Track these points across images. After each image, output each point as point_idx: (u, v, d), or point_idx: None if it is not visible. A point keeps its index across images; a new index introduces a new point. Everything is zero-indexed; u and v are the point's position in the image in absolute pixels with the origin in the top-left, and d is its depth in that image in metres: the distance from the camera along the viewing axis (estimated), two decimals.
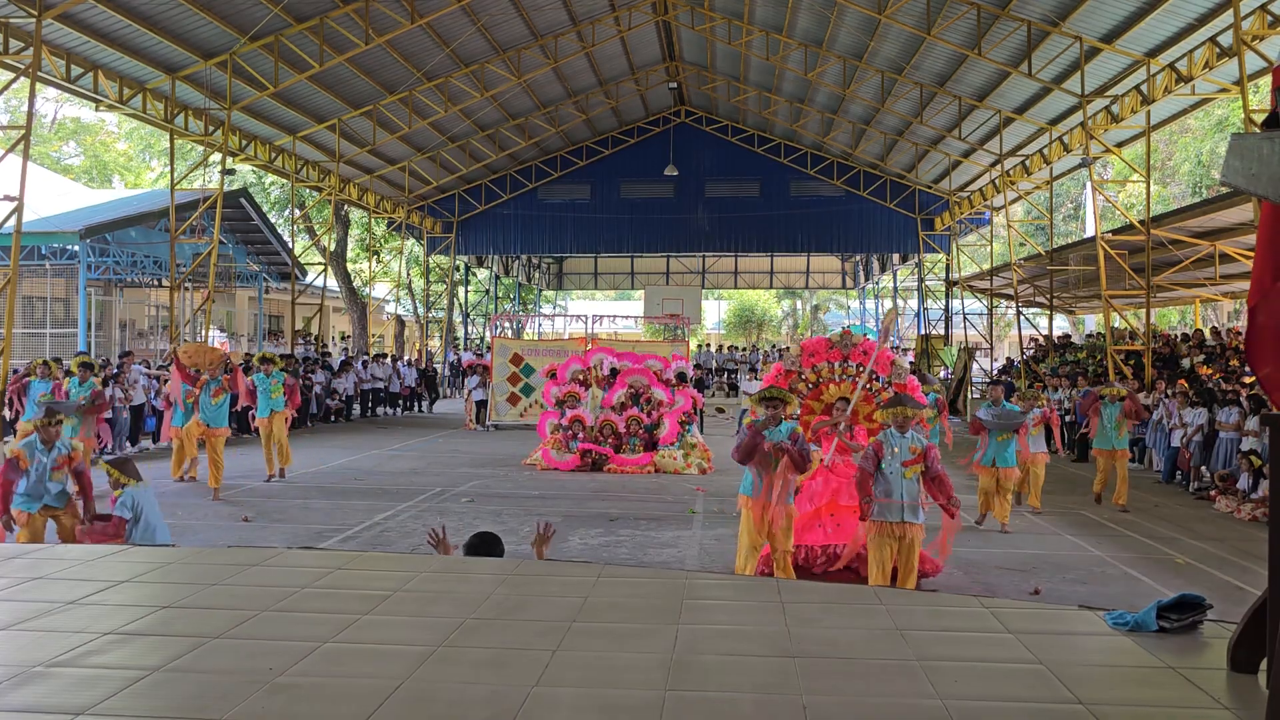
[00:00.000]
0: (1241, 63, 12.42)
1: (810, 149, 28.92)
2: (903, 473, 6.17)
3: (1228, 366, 15.68)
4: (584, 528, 9.36)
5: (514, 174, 29.85)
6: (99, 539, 6.87)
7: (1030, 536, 9.42)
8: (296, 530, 9.13)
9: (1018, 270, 22.16)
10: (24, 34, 13.39)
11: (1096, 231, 18.14)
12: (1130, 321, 20.80)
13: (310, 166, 22.89)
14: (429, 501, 10.88)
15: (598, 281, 44.50)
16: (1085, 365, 19.82)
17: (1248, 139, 3.07)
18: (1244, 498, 10.99)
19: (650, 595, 4.83)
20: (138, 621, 4.24)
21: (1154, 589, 7.14)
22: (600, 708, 3.30)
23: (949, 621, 4.38)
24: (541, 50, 21.54)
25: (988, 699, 3.40)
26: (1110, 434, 10.94)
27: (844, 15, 18.59)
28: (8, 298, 12.65)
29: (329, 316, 30.13)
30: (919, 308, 32.58)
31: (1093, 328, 30.60)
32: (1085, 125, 17.31)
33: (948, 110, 21.51)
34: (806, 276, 42.58)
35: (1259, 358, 3.17)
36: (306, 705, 3.32)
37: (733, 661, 3.76)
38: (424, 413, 25.32)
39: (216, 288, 20.17)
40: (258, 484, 12.02)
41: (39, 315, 22.25)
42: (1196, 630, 4.15)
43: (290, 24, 16.60)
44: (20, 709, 3.27)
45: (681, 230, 29.82)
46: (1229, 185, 3.10)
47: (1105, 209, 26.66)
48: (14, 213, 12.79)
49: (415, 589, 4.85)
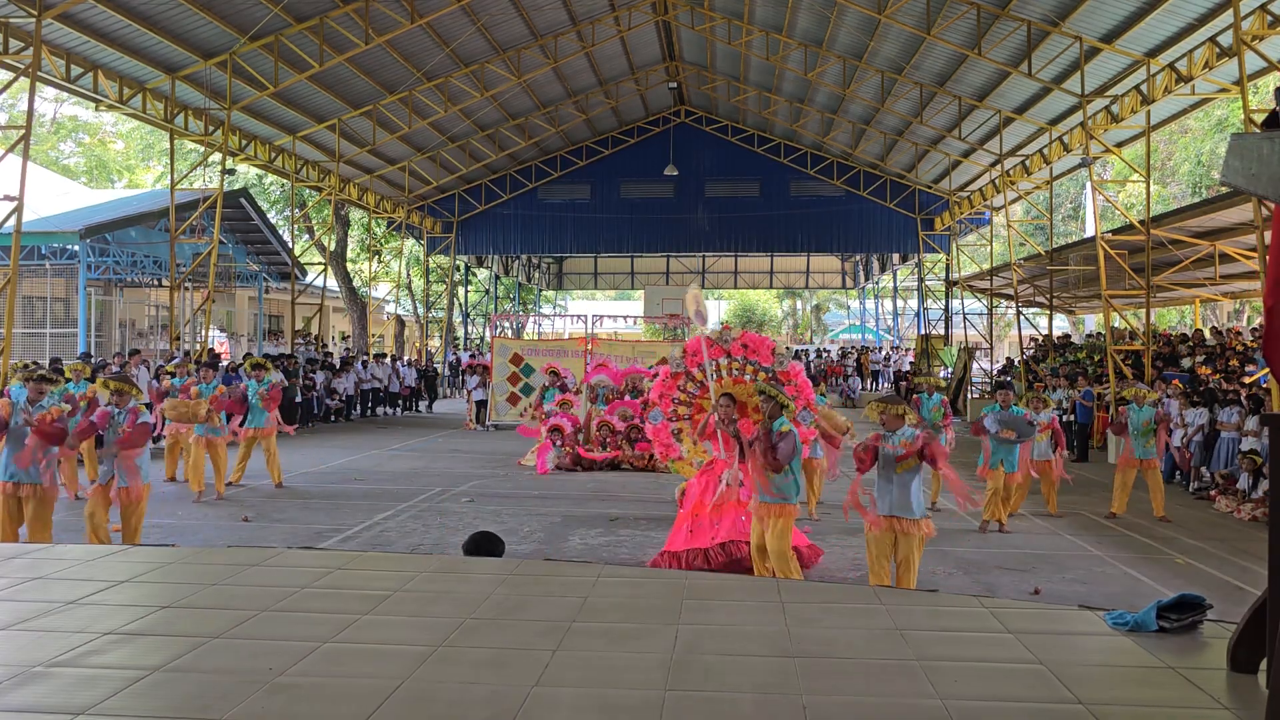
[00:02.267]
0: (1241, 63, 12.42)
1: (810, 149, 28.93)
2: (894, 468, 6.15)
3: (1228, 366, 15.68)
4: (584, 528, 9.36)
5: (514, 174, 29.87)
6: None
7: (1030, 536, 9.42)
8: (296, 530, 9.13)
9: (1018, 270, 22.16)
10: (24, 34, 13.39)
11: (1096, 231, 18.14)
12: (1130, 321, 20.80)
13: (310, 166, 22.89)
14: (429, 501, 10.88)
15: (598, 281, 44.52)
16: (1085, 365, 19.82)
17: (1248, 139, 3.08)
18: (1244, 498, 10.99)
19: (650, 595, 4.83)
20: (138, 621, 4.25)
21: (1154, 589, 7.14)
22: (600, 708, 3.30)
23: (949, 621, 4.38)
24: (541, 50, 21.54)
25: (988, 699, 3.40)
26: (1138, 443, 10.25)
27: (844, 15, 18.59)
28: (8, 298, 12.65)
29: (329, 316, 30.13)
30: (919, 308, 32.58)
31: (1093, 328, 30.60)
32: (1085, 125, 17.31)
33: (948, 110, 21.52)
34: (806, 276, 42.60)
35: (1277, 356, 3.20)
36: (306, 705, 3.32)
37: (733, 661, 3.76)
38: (424, 412, 25.32)
39: (216, 288, 20.17)
40: (258, 485, 12.00)
41: (39, 315, 22.25)
42: (1196, 630, 4.15)
43: (290, 24, 16.59)
44: (20, 709, 3.27)
45: (681, 230, 29.83)
46: (1229, 185, 3.10)
47: (1105, 209, 26.66)
48: (14, 213, 12.80)
49: (415, 589, 4.86)
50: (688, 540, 7.47)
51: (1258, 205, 11.98)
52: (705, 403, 8.05)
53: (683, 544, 7.46)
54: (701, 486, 7.76)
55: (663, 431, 8.34)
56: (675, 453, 8.32)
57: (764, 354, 8.00)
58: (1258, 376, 13.86)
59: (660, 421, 8.34)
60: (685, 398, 8.28)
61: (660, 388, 8.44)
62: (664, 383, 8.41)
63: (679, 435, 8.25)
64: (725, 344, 8.07)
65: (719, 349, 8.07)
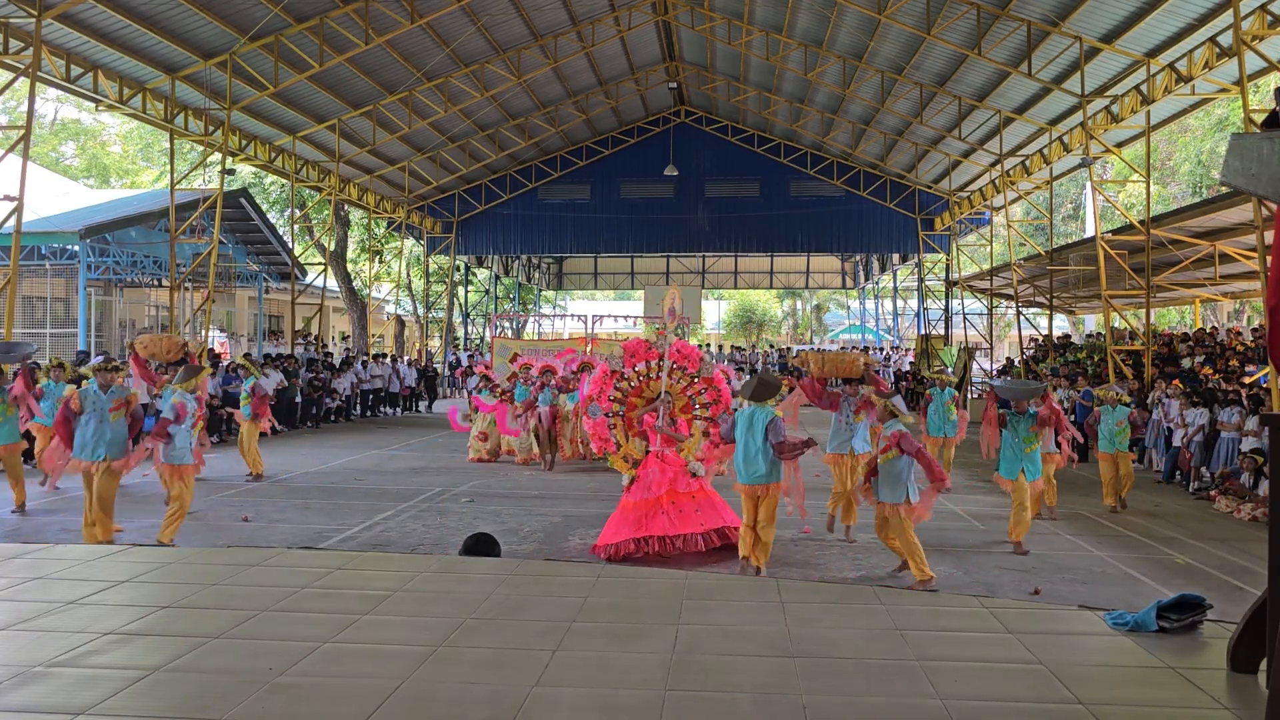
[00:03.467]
0: (1241, 63, 12.41)
1: (810, 149, 28.93)
2: (851, 419, 7.55)
3: (1228, 366, 15.67)
4: (584, 528, 9.35)
5: (514, 174, 29.87)
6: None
7: (1030, 536, 9.40)
8: (296, 530, 9.13)
9: (1018, 270, 22.16)
10: (24, 34, 13.39)
11: (1096, 231, 18.13)
12: (1130, 321, 20.80)
13: (310, 166, 22.89)
14: (429, 501, 10.88)
15: (598, 281, 44.51)
16: (1085, 365, 19.81)
17: (1248, 139, 3.08)
18: (1244, 497, 10.98)
19: (650, 595, 4.83)
20: (138, 621, 4.25)
21: (1154, 589, 7.13)
22: (600, 708, 3.30)
23: (949, 621, 4.38)
24: (541, 50, 21.55)
25: (988, 699, 3.40)
26: (1115, 439, 10.69)
27: (844, 15, 18.59)
28: (8, 298, 12.65)
29: (329, 316, 30.13)
30: (919, 308, 32.58)
31: (1093, 328, 30.61)
32: (1085, 125, 17.31)
33: (948, 110, 21.52)
34: (806, 276, 42.59)
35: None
36: (306, 705, 3.32)
37: (733, 661, 3.77)
38: (424, 412, 25.32)
39: (216, 288, 20.17)
40: (256, 484, 12.02)
41: (39, 315, 22.25)
42: (1196, 630, 4.16)
43: (290, 24, 16.60)
44: (20, 709, 3.28)
45: (681, 230, 29.84)
46: (1229, 185, 3.10)
47: (1105, 209, 26.66)
48: (14, 213, 12.80)
49: (415, 589, 4.86)
50: (674, 525, 7.87)
51: (1258, 205, 11.98)
52: (638, 400, 8.85)
53: (666, 528, 7.85)
54: (659, 474, 8.20)
55: (600, 425, 8.84)
56: (611, 446, 8.76)
57: (692, 361, 8.85)
58: (1258, 376, 13.86)
59: (599, 416, 8.86)
60: (619, 395, 8.87)
61: (598, 385, 9.05)
62: (601, 380, 9.05)
63: (614, 429, 8.80)
64: (662, 349, 8.80)
65: (655, 352, 8.86)
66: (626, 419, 8.79)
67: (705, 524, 7.92)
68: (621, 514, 8.13)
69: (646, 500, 7.99)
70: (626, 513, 8.08)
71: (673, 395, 8.66)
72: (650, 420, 8.67)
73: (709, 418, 8.56)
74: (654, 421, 8.57)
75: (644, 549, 7.71)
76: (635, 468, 8.44)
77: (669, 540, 7.76)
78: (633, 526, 7.86)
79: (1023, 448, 8.57)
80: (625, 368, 8.90)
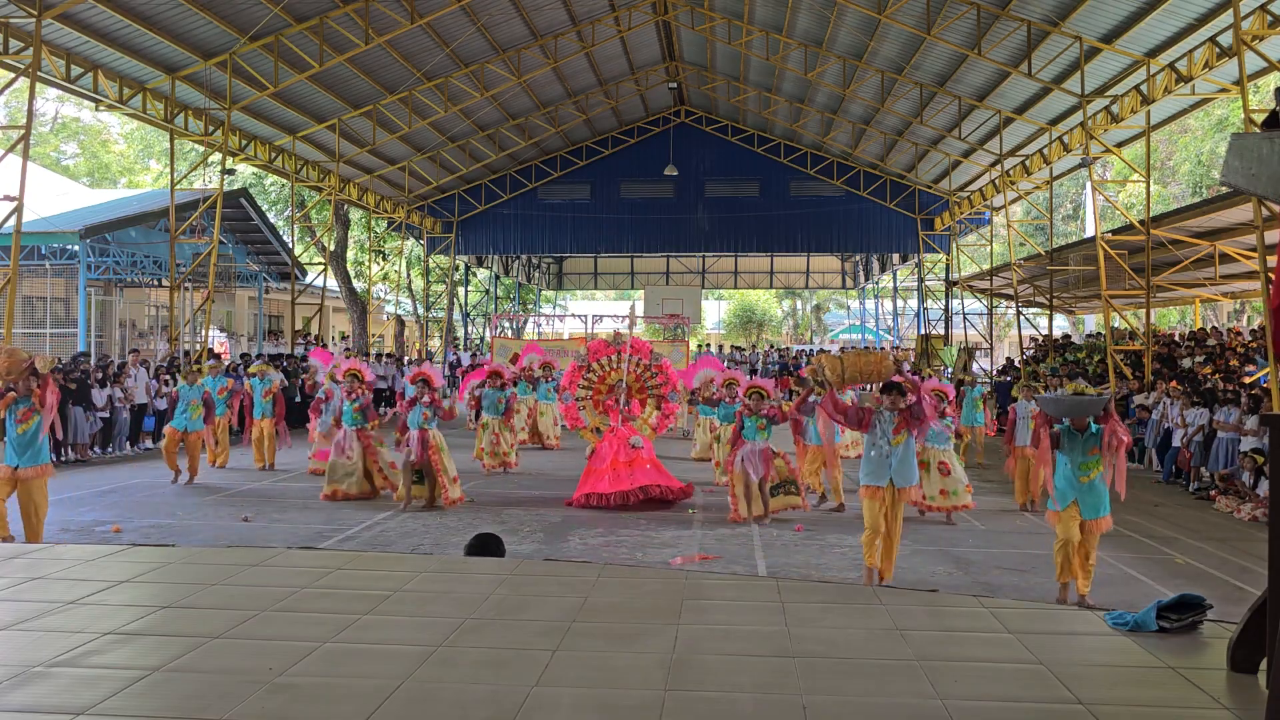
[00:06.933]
0: (1241, 63, 12.41)
1: (810, 149, 28.93)
2: (890, 439, 6.96)
3: (1228, 366, 15.67)
4: (584, 528, 9.35)
5: (514, 174, 29.86)
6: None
7: (1029, 536, 9.41)
8: (296, 530, 9.13)
9: (1018, 270, 22.16)
10: (24, 34, 13.38)
11: (1096, 231, 18.13)
12: (1130, 321, 20.80)
13: (310, 166, 22.89)
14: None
15: (598, 281, 44.51)
16: (1085, 365, 19.82)
17: (1248, 139, 3.08)
18: (1244, 497, 10.98)
19: (650, 595, 4.83)
20: (138, 621, 4.24)
21: (1154, 589, 7.13)
22: (600, 708, 3.30)
23: (949, 621, 4.38)
24: (541, 50, 21.54)
25: (988, 699, 3.40)
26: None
27: (844, 15, 18.59)
28: (8, 298, 12.64)
29: (329, 316, 30.11)
30: (919, 308, 32.58)
31: (1093, 328, 30.60)
32: (1085, 125, 17.31)
33: (948, 110, 21.51)
34: (806, 276, 42.57)
35: None
36: (306, 705, 3.32)
37: (733, 661, 3.77)
38: None
39: (216, 288, 20.16)
40: (258, 484, 12.01)
41: (39, 315, 22.24)
42: (1196, 630, 4.16)
43: (290, 24, 16.59)
44: (20, 709, 3.28)
45: (681, 230, 29.83)
46: (1229, 185, 3.10)
47: (1105, 209, 26.65)
48: (14, 213, 12.79)
49: (415, 589, 4.86)
50: (611, 485, 10.18)
51: (1258, 205, 11.98)
52: (602, 387, 11.56)
53: (608, 487, 10.18)
54: (609, 447, 10.62)
55: (571, 409, 11.70)
56: (581, 423, 11.62)
57: (644, 352, 11.80)
58: (1258, 376, 13.86)
59: (570, 401, 11.65)
60: (586, 384, 11.66)
61: (569, 377, 11.82)
62: (571, 373, 11.81)
63: (584, 409, 11.59)
64: (618, 345, 11.61)
65: (612, 349, 11.58)
66: (594, 401, 11.53)
67: (636, 482, 10.15)
68: (584, 476, 10.69)
69: (601, 468, 10.44)
70: (586, 475, 10.62)
71: (630, 381, 11.44)
72: (610, 404, 11.39)
73: (660, 395, 11.65)
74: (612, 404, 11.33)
75: (592, 502, 10.16)
76: (600, 437, 11.03)
77: (607, 496, 10.08)
78: (590, 484, 10.35)
79: (1077, 475, 6.66)
80: (590, 362, 11.53)
